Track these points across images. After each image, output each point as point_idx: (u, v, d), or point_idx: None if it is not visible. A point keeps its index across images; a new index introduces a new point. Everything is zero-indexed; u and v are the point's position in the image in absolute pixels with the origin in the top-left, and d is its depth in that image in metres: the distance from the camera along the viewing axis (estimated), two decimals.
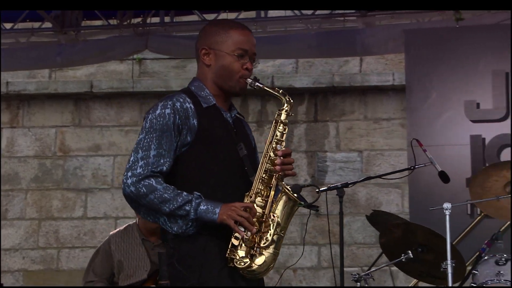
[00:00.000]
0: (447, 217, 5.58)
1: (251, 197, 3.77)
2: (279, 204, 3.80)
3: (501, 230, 5.58)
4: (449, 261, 5.49)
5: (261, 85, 3.93)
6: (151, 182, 3.69)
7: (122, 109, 10.64)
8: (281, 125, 3.91)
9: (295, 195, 3.81)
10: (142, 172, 3.70)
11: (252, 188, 3.79)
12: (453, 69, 7.97)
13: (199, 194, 3.70)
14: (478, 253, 5.92)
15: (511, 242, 5.95)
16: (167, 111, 3.78)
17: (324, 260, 10.07)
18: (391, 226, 5.96)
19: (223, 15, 8.39)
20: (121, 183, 3.79)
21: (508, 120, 7.85)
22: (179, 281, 3.66)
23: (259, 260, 3.72)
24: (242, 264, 3.69)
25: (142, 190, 3.69)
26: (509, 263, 5.50)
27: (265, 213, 3.76)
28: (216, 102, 3.93)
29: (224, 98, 3.98)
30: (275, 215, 3.77)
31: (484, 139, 7.83)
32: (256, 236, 3.73)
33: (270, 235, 3.73)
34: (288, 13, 8.47)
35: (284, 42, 8.51)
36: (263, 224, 3.75)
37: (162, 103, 3.82)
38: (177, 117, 3.77)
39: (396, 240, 5.96)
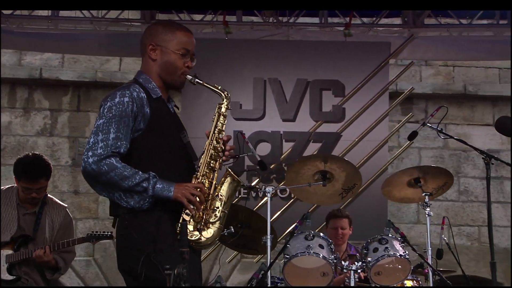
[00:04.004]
0: (269, 199, 5.82)
1: (198, 178, 3.81)
2: (225, 185, 3.88)
3: (309, 211, 5.84)
4: (268, 236, 5.73)
5: (201, 81, 3.97)
6: (112, 161, 3.63)
7: None
8: (222, 117, 3.97)
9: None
10: (103, 152, 3.63)
11: (199, 171, 3.83)
12: (221, 75, 8.22)
13: (154, 173, 3.69)
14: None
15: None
16: (126, 99, 3.72)
17: None
18: None
19: (18, 12, 7.99)
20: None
21: (264, 120, 8.26)
22: (136, 250, 3.63)
23: (207, 234, 3.77)
24: (193, 236, 3.72)
25: (103, 168, 3.61)
26: (315, 238, 5.80)
27: (211, 193, 3.82)
28: (161, 94, 3.91)
29: (165, 91, 3.97)
30: (222, 194, 3.83)
31: (244, 134, 8.12)
32: (204, 213, 3.77)
33: (219, 212, 3.82)
34: (78, 14, 8.22)
35: (75, 39, 8.23)
36: (209, 202, 3.81)
37: (120, 92, 3.76)
38: (134, 105, 3.73)
39: None
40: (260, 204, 7.89)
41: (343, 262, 5.88)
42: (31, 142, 10.15)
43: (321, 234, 5.92)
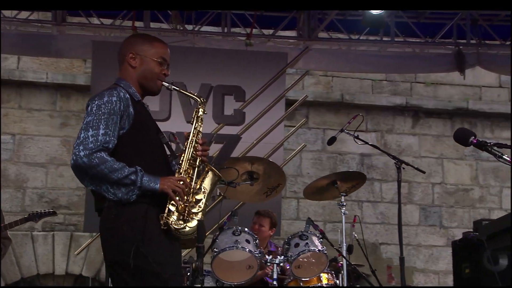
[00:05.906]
0: None
1: (181, 173, 3.89)
2: (206, 179, 3.96)
3: (236, 208, 5.96)
4: None
5: (177, 88, 4.06)
6: (102, 155, 3.68)
7: None
8: (200, 120, 4.08)
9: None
10: (93, 147, 3.67)
11: (182, 168, 3.91)
12: None
13: (140, 168, 3.74)
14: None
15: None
16: (114, 98, 3.77)
17: None
18: None
19: None
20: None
21: (170, 121, 8.30)
22: (125, 241, 3.65)
23: (191, 224, 3.82)
24: (178, 225, 3.76)
25: (94, 161, 3.65)
26: (242, 234, 5.93)
27: (192, 186, 3.88)
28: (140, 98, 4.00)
29: (143, 96, 4.04)
30: (205, 187, 3.92)
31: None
32: (187, 204, 3.83)
33: (202, 203, 3.89)
34: None
35: None
36: (191, 195, 3.86)
37: (107, 92, 3.80)
38: (122, 104, 3.78)
39: None
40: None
41: (266, 256, 6.06)
42: None
43: (247, 229, 6.06)
